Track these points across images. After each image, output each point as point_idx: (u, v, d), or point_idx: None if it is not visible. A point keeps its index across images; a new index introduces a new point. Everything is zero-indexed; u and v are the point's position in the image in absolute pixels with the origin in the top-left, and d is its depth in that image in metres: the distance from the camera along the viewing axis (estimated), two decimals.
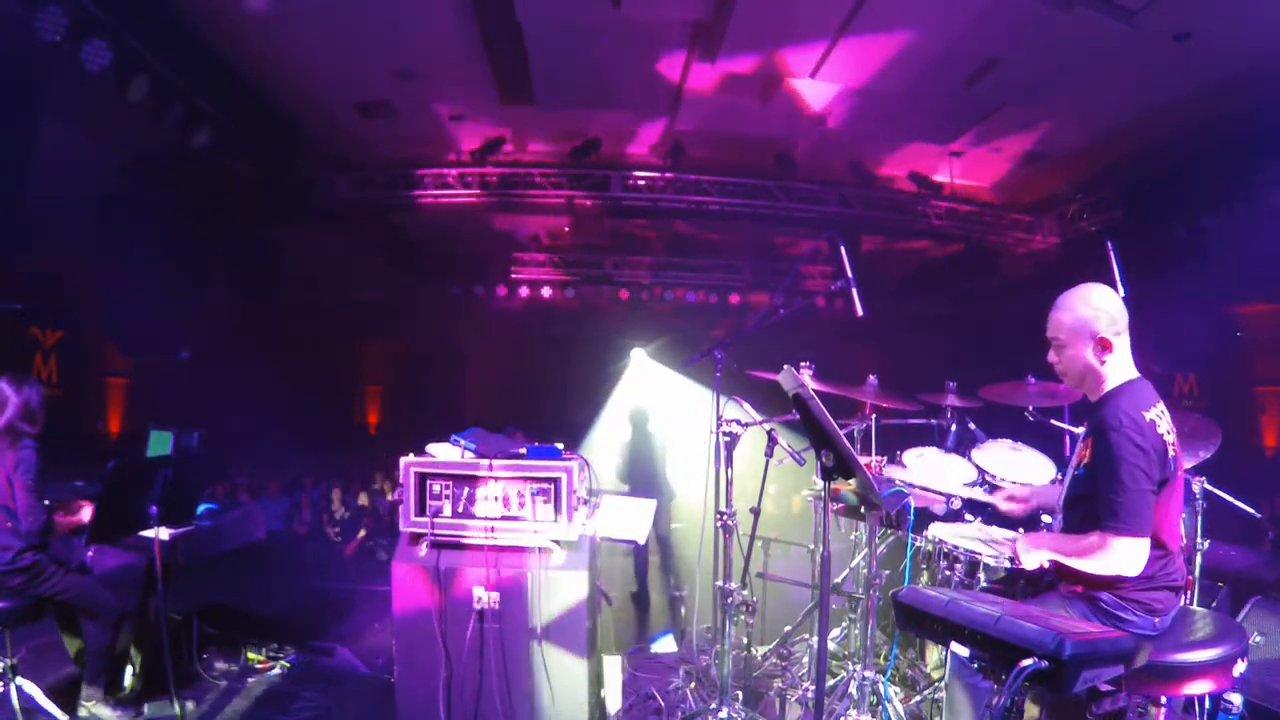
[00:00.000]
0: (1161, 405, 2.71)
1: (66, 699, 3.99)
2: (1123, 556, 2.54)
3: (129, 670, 4.23)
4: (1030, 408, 4.39)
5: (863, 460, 3.30)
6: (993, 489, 3.91)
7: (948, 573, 3.72)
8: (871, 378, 4.67)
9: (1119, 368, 2.77)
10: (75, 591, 3.90)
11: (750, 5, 6.31)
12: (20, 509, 3.69)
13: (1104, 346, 2.74)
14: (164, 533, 3.99)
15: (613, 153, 9.70)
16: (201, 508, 4.81)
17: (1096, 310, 2.75)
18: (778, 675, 4.58)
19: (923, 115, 8.34)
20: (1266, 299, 9.97)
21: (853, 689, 3.93)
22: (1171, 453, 2.66)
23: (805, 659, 4.64)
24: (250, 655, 4.80)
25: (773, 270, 11.75)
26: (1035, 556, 2.83)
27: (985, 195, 10.72)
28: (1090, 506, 2.64)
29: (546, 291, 12.20)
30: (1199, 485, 4.05)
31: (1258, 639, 3.89)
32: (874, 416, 4.73)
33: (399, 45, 7.23)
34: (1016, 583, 3.10)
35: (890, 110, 8.24)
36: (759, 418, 4.02)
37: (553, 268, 12.34)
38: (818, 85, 7.73)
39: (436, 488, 3.57)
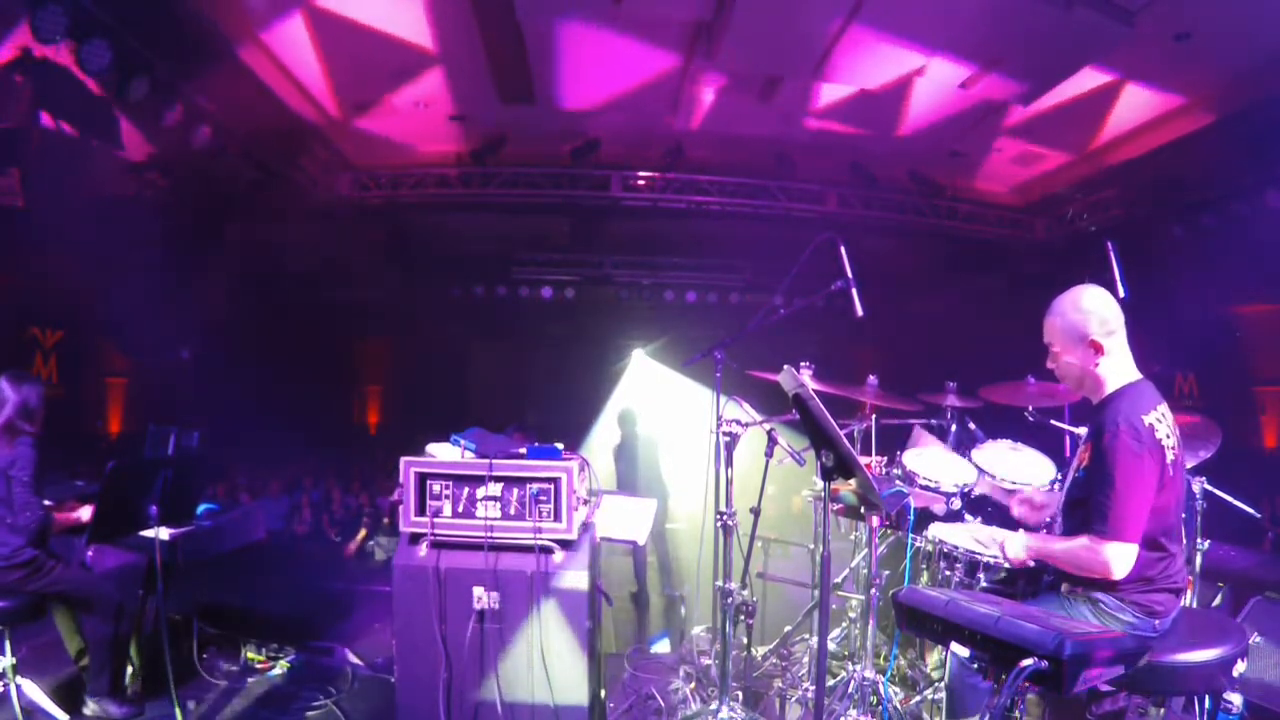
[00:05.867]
0: (1164, 408, 2.70)
1: (67, 698, 4.00)
2: (1109, 562, 2.53)
3: (129, 670, 4.24)
4: (1030, 408, 4.39)
5: (863, 460, 3.30)
6: (1010, 493, 3.89)
7: (948, 573, 3.72)
8: (871, 378, 4.67)
9: (1117, 369, 2.76)
10: (74, 585, 3.91)
11: (750, 5, 6.31)
12: (16, 503, 3.70)
13: (1096, 349, 2.72)
14: (164, 533, 3.99)
15: (613, 153, 9.70)
16: (201, 508, 4.81)
17: (1086, 314, 2.74)
18: (778, 675, 4.58)
19: (922, 115, 8.34)
20: (1266, 299, 9.97)
21: (853, 689, 3.93)
22: (1171, 456, 2.65)
23: (805, 659, 4.64)
24: (250, 655, 4.80)
25: (773, 270, 11.74)
26: (1023, 555, 2.84)
27: (985, 195, 10.72)
28: (1087, 511, 2.64)
29: (547, 291, 12.18)
30: (1199, 485, 4.05)
31: (1258, 639, 3.89)
32: (874, 416, 4.73)
33: (398, 44, 7.23)
34: (1016, 583, 3.10)
35: (890, 110, 8.25)
36: (759, 418, 4.02)
37: (553, 268, 12.33)
38: (817, 85, 7.73)
39: (436, 488, 3.56)
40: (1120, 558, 2.52)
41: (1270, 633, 3.96)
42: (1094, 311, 2.74)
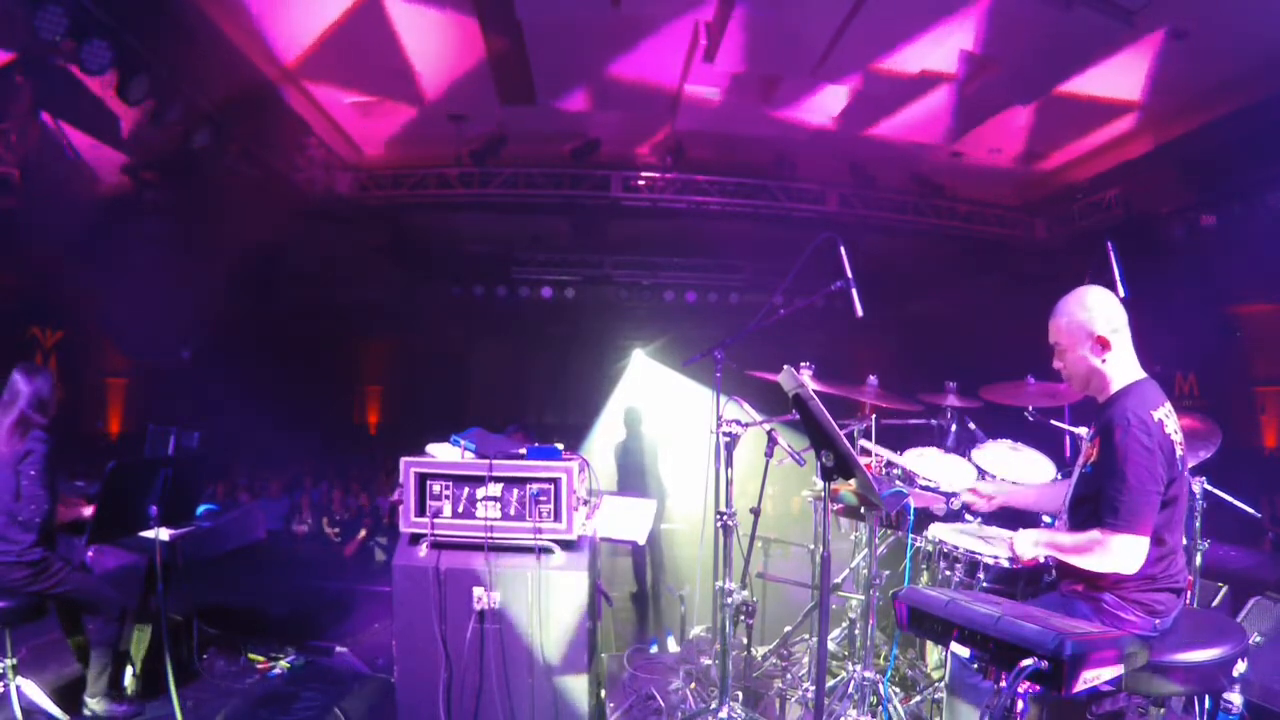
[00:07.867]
0: (1169, 405, 2.72)
1: (67, 698, 4.00)
2: (1121, 554, 2.53)
3: (129, 670, 4.24)
4: (1030, 408, 4.39)
5: (862, 460, 3.30)
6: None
7: (948, 573, 3.71)
8: (871, 378, 4.66)
9: (1123, 368, 2.78)
10: (77, 587, 3.91)
11: (750, 5, 6.31)
12: (24, 494, 3.69)
13: (1103, 346, 2.75)
14: (164, 533, 3.99)
15: (613, 153, 9.69)
16: (201, 508, 4.81)
17: (1092, 312, 2.77)
18: (778, 675, 4.58)
19: (923, 115, 8.34)
20: (1266, 299, 9.97)
21: (853, 689, 3.93)
22: (1179, 452, 2.67)
23: (805, 659, 4.64)
24: (250, 655, 4.81)
25: (773, 270, 11.76)
26: (1032, 550, 2.83)
27: (985, 196, 10.72)
28: (1095, 505, 2.64)
29: (547, 291, 12.19)
30: (1199, 485, 4.05)
31: (1258, 639, 3.89)
32: (874, 416, 4.73)
33: (399, 44, 7.23)
34: (1016, 583, 3.10)
35: (890, 111, 8.25)
36: (759, 418, 4.02)
37: (553, 268, 12.34)
38: (818, 85, 7.73)
39: (436, 488, 3.56)
40: (1132, 550, 2.53)
41: (1270, 633, 3.97)
42: (1100, 309, 2.77)
